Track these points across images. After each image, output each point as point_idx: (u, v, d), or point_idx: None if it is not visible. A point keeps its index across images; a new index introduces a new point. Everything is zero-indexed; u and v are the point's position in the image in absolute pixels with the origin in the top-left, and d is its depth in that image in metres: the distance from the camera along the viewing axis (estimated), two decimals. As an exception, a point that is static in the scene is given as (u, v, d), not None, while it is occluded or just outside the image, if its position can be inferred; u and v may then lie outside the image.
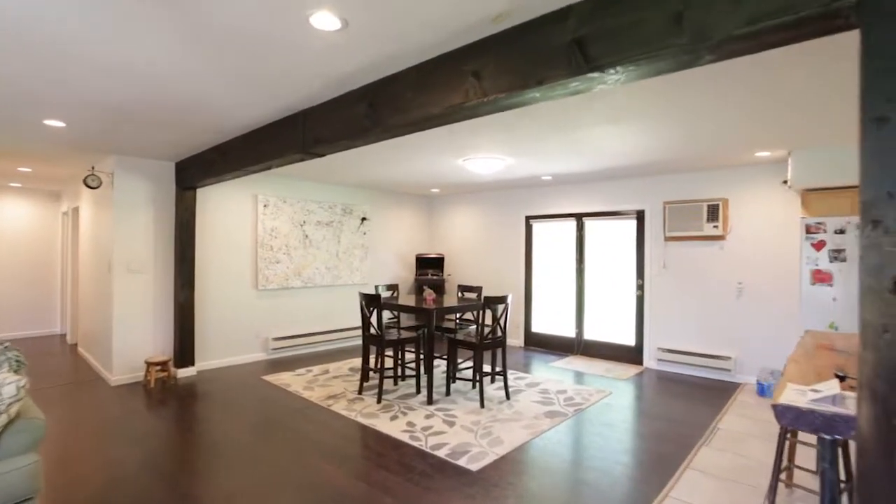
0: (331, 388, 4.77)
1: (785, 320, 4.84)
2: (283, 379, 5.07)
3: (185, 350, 5.18)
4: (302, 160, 3.47)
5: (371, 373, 4.86)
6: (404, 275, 7.91)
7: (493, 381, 4.97)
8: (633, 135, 3.84)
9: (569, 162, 4.97)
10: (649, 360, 5.77)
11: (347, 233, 6.99)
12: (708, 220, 5.24)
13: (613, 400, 4.51)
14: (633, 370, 5.61)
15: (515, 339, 7.03)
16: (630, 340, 5.99)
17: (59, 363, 5.74)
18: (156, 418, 3.92)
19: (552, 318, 6.77)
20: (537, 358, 6.27)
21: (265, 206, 6.00)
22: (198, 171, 4.69)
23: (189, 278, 5.17)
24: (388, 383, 4.85)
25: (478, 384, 4.47)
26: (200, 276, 5.43)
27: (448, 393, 4.55)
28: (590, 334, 6.37)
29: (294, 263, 6.31)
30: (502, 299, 4.34)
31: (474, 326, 5.19)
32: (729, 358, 5.11)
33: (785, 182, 4.81)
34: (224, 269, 5.65)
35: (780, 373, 4.70)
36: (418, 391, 4.60)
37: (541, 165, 5.20)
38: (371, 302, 4.40)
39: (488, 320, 6.48)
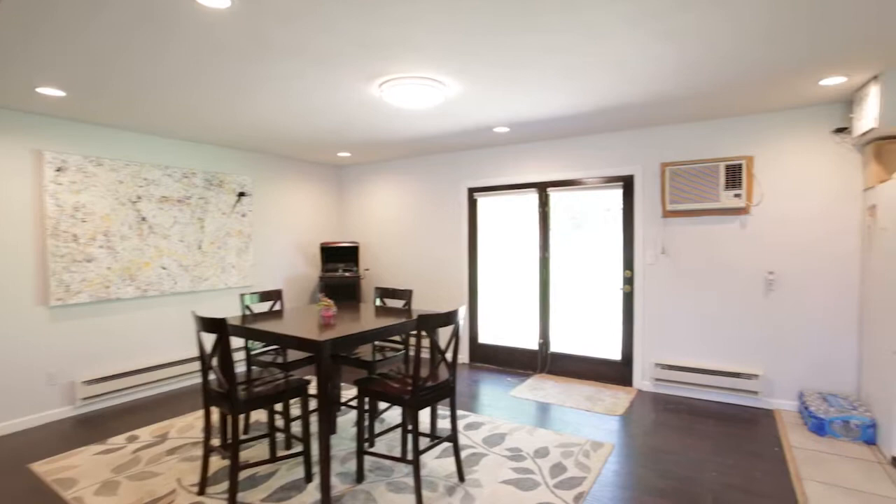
0: (154, 479, 2.71)
1: (840, 325, 3.48)
2: (69, 467, 2.90)
3: None
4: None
5: (223, 451, 2.77)
6: (306, 272, 5.85)
7: (432, 440, 3.15)
8: (650, 26, 2.15)
9: (537, 96, 3.23)
10: (642, 380, 4.26)
11: (216, 214, 4.80)
12: (727, 187, 3.76)
13: (621, 461, 2.89)
14: (623, 396, 4.06)
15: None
16: (614, 353, 4.44)
17: None
18: None
19: (506, 326, 5.08)
20: (489, 381, 4.56)
21: (59, 169, 3.69)
22: None
23: None
24: (258, 460, 2.88)
25: (410, 464, 2.64)
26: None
27: (360, 477, 2.67)
28: (559, 345, 4.75)
29: (121, 262, 4.06)
30: (449, 318, 2.53)
31: (403, 352, 3.35)
32: (755, 376, 3.69)
33: (841, 130, 3.41)
34: (-26, 274, 3.31)
35: (841, 400, 3.32)
36: (308, 478, 2.68)
37: (498, 102, 3.42)
38: (212, 330, 2.40)
39: (424, 342, 4.61)
